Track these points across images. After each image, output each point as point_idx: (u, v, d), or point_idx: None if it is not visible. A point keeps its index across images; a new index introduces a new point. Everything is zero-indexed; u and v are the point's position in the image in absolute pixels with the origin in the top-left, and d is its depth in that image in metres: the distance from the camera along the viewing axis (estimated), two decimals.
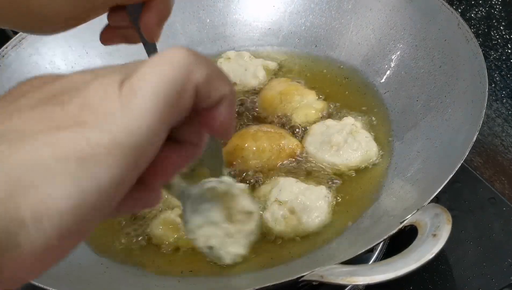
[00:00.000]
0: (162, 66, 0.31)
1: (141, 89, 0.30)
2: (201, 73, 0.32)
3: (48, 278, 0.59)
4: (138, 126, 0.29)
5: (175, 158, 0.36)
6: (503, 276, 0.73)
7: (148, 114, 0.29)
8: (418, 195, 0.64)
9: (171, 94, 0.30)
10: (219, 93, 0.34)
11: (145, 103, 0.29)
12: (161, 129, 0.30)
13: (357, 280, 0.49)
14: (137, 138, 0.29)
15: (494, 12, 0.91)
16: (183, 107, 0.32)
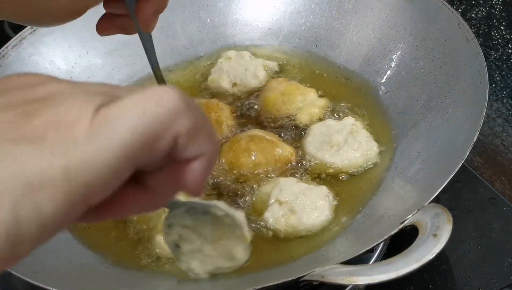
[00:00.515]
0: (147, 104, 0.28)
1: (115, 122, 0.27)
2: (186, 124, 0.30)
3: (48, 278, 0.59)
4: (98, 161, 0.26)
5: (135, 202, 0.33)
6: (503, 276, 0.73)
7: (113, 151, 0.27)
8: (418, 195, 0.64)
9: (145, 137, 0.28)
10: (199, 150, 0.31)
11: (114, 138, 0.27)
12: (123, 170, 0.28)
13: (357, 280, 0.49)
14: (92, 174, 0.26)
15: (495, 12, 0.91)
16: (156, 154, 0.29)
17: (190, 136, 0.30)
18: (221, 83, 0.90)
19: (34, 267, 0.61)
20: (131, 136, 0.27)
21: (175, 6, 0.99)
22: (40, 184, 0.25)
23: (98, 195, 0.28)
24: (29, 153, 0.25)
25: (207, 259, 0.54)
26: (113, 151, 0.27)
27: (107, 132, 0.27)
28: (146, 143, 0.28)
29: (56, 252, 0.67)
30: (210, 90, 0.91)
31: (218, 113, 0.82)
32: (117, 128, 0.27)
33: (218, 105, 0.84)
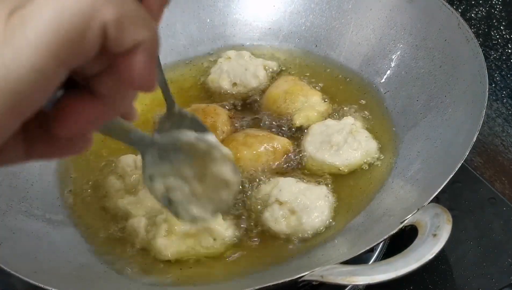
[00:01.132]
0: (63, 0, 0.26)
1: (32, 21, 0.25)
2: (112, 11, 0.27)
3: (48, 277, 0.59)
4: (19, 64, 0.25)
5: (87, 111, 0.30)
6: (503, 276, 0.73)
7: (36, 50, 0.25)
8: (418, 195, 0.64)
9: (68, 31, 0.26)
10: (133, 38, 0.28)
11: (33, 36, 0.25)
12: (53, 72, 0.26)
13: (357, 280, 0.49)
14: (17, 78, 0.25)
15: (495, 12, 0.91)
16: (87, 50, 0.27)
17: (120, 24, 0.28)
18: (221, 83, 0.90)
19: (34, 267, 0.61)
20: (52, 32, 0.25)
21: (175, 6, 0.99)
22: None
23: (31, 103, 0.26)
24: None
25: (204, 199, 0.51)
26: (36, 51, 0.25)
27: (25, 32, 0.25)
28: (71, 38, 0.26)
29: (56, 252, 0.67)
30: (210, 89, 0.91)
31: (214, 118, 0.82)
32: (34, 26, 0.25)
33: (216, 110, 0.83)
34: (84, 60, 0.28)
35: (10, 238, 0.65)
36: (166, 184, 0.49)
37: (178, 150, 0.47)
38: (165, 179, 0.48)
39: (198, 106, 0.85)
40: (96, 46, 0.28)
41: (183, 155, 0.48)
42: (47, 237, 0.69)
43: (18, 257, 0.63)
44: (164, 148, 0.47)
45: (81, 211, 0.74)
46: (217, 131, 0.80)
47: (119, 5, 0.28)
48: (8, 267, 0.58)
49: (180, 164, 0.48)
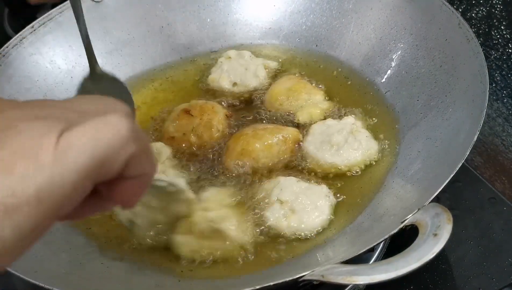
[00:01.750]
0: (101, 131, 0.33)
1: (75, 149, 0.31)
2: (135, 148, 0.35)
3: (48, 278, 0.59)
4: (63, 183, 0.31)
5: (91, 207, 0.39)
6: (503, 275, 0.73)
7: (75, 173, 0.31)
8: (418, 195, 0.64)
9: (102, 160, 0.33)
10: (142, 170, 0.37)
11: (75, 162, 0.31)
12: (84, 187, 0.33)
13: (357, 279, 0.49)
14: (59, 193, 0.31)
15: (495, 11, 0.91)
16: (110, 173, 0.34)
17: (136, 159, 0.36)
18: (221, 83, 0.90)
19: (34, 267, 0.61)
20: (90, 160, 0.32)
21: (176, 6, 0.99)
22: (17, 207, 0.29)
23: (65, 209, 0.32)
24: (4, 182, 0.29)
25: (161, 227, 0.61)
26: (76, 173, 0.31)
27: (70, 158, 0.31)
28: (103, 165, 0.33)
29: (56, 252, 0.67)
30: (211, 89, 0.91)
31: (211, 116, 0.82)
32: (77, 154, 0.31)
33: (213, 108, 0.83)
34: (106, 179, 0.35)
35: None
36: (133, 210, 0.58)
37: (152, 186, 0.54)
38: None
39: (197, 102, 0.86)
40: (118, 172, 0.35)
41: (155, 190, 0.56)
42: (47, 236, 0.69)
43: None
44: None
45: None
46: (212, 129, 0.80)
47: (141, 142, 0.36)
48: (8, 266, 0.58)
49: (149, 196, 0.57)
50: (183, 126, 0.80)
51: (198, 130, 0.80)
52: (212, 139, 0.80)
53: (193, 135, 0.80)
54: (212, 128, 0.80)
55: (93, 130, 0.33)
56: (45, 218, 0.31)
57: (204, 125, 0.80)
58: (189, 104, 0.85)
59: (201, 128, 0.80)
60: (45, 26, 0.89)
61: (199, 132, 0.80)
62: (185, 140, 0.80)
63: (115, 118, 0.34)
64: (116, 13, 0.95)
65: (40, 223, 0.31)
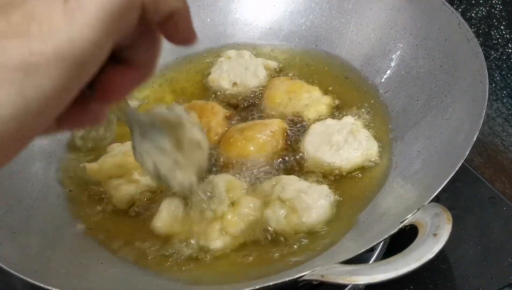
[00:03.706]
0: None
1: (85, 5, 0.31)
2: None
3: (48, 278, 0.59)
4: (81, 39, 0.30)
5: (123, 79, 0.37)
6: (503, 275, 0.73)
7: (91, 27, 0.31)
8: (418, 195, 0.64)
9: (116, 9, 0.32)
10: (169, 8, 0.36)
11: (89, 16, 0.31)
12: (104, 43, 0.32)
13: (357, 279, 0.49)
14: (79, 50, 0.30)
15: (495, 11, 0.91)
16: (128, 23, 0.34)
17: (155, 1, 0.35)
18: (221, 83, 0.90)
19: (34, 267, 0.61)
20: (102, 12, 0.31)
21: None
22: (37, 67, 0.29)
23: (87, 70, 0.32)
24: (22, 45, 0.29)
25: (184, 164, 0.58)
26: (92, 28, 0.31)
27: (82, 14, 0.31)
28: (118, 15, 0.32)
29: (56, 252, 0.67)
30: (210, 89, 0.91)
31: (210, 118, 0.82)
32: (89, 8, 0.31)
33: (213, 109, 0.83)
34: (127, 32, 0.34)
35: (10, 238, 0.65)
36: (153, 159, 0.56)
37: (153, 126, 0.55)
38: (150, 155, 0.55)
39: (196, 102, 0.86)
40: (137, 19, 0.34)
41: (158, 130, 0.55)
42: (47, 236, 0.69)
43: (18, 256, 0.63)
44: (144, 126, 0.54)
45: (81, 209, 0.74)
46: (210, 133, 0.80)
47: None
48: (8, 266, 0.58)
49: (158, 139, 0.56)
50: None
51: None
52: (211, 141, 0.79)
53: None
54: (210, 131, 0.80)
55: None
56: (68, 79, 0.31)
57: (204, 127, 0.79)
58: (189, 104, 0.85)
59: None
60: None
61: None
62: None
63: None
64: None
65: (63, 85, 0.31)
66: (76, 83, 0.32)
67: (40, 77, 0.29)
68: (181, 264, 0.66)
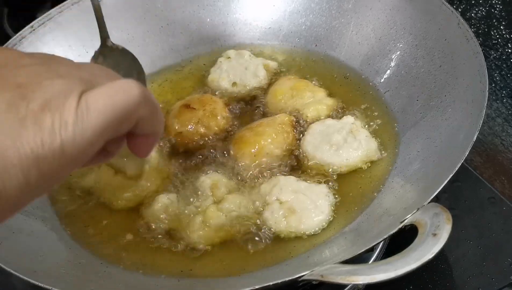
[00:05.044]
0: (118, 95, 0.37)
1: (95, 110, 0.36)
2: (145, 111, 0.40)
3: (48, 277, 0.59)
4: (82, 139, 0.35)
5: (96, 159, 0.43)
6: (503, 275, 0.73)
7: (93, 131, 0.36)
8: (418, 195, 0.64)
9: (116, 120, 0.37)
10: (152, 129, 0.43)
11: (94, 122, 0.36)
12: (98, 144, 0.37)
13: (357, 279, 0.49)
14: (79, 148, 0.35)
15: (494, 11, 0.91)
16: (121, 131, 0.40)
17: (148, 119, 0.41)
18: (220, 82, 0.90)
19: (34, 267, 0.61)
20: (105, 121, 0.36)
21: (175, 6, 0.99)
22: (45, 157, 0.34)
23: (81, 162, 0.37)
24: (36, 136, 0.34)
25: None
26: (94, 131, 0.36)
27: (89, 118, 0.36)
28: (116, 125, 0.38)
29: (56, 252, 0.67)
30: (210, 89, 0.91)
31: (213, 106, 0.83)
32: (95, 115, 0.36)
33: (212, 98, 0.85)
34: (117, 136, 0.39)
35: (10, 238, 0.65)
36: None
37: None
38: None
39: (193, 96, 0.86)
40: (128, 130, 0.40)
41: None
42: (47, 236, 0.69)
43: (18, 256, 0.63)
44: None
45: (80, 210, 0.74)
46: (218, 117, 0.82)
47: (152, 105, 0.41)
48: (8, 266, 0.58)
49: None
50: (188, 120, 0.81)
51: (205, 120, 0.81)
52: (219, 126, 0.82)
53: (201, 126, 0.81)
54: (218, 116, 0.82)
55: (110, 94, 0.37)
56: (65, 168, 0.36)
57: (210, 115, 0.82)
58: (186, 99, 0.85)
59: (207, 118, 0.81)
60: (44, 26, 0.89)
61: (206, 122, 0.81)
62: (193, 132, 0.80)
63: (129, 83, 0.39)
64: (116, 13, 0.94)
65: (60, 172, 0.36)
66: (71, 169, 0.37)
67: (45, 165, 0.34)
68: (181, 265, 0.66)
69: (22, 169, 0.33)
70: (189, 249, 0.68)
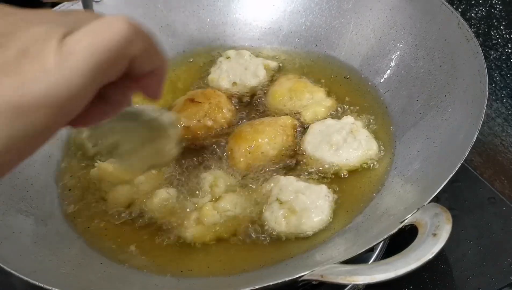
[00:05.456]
0: (103, 33, 0.34)
1: (78, 52, 0.32)
2: (139, 47, 0.36)
3: (48, 277, 0.59)
4: (69, 85, 0.32)
5: (97, 111, 0.40)
6: (502, 275, 0.73)
7: (79, 75, 0.32)
8: (418, 195, 0.64)
9: (104, 61, 0.33)
10: (152, 66, 0.39)
11: (78, 65, 0.32)
12: (89, 89, 0.34)
13: (357, 279, 0.49)
14: (66, 95, 0.32)
15: (494, 11, 0.91)
16: (114, 73, 0.36)
17: (144, 56, 0.37)
18: (220, 82, 0.90)
19: (34, 267, 0.61)
20: (92, 63, 0.33)
21: (175, 6, 0.99)
22: (27, 109, 0.31)
23: (72, 112, 0.34)
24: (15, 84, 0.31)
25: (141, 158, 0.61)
26: (80, 75, 0.32)
27: (72, 62, 0.32)
28: (107, 66, 0.34)
29: (55, 252, 0.67)
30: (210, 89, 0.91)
31: (218, 99, 0.83)
32: (79, 57, 0.32)
33: (215, 92, 0.86)
34: (111, 80, 0.36)
35: (10, 237, 0.65)
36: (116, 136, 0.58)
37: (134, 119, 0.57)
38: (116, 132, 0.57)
39: (196, 91, 0.87)
40: (122, 71, 0.36)
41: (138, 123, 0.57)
42: (46, 236, 0.69)
43: (18, 256, 0.63)
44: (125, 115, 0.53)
45: (80, 210, 0.74)
46: (224, 110, 0.83)
47: (144, 40, 0.37)
48: (8, 266, 0.58)
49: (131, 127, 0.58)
50: (195, 114, 0.81)
51: (211, 113, 0.82)
52: (226, 119, 0.82)
53: (209, 119, 0.81)
54: (223, 108, 0.83)
55: (94, 33, 0.33)
56: (54, 120, 0.33)
57: (216, 108, 0.82)
58: (189, 94, 0.86)
59: (214, 111, 0.82)
60: None
61: (213, 115, 0.81)
62: (201, 126, 0.81)
63: (115, 19, 0.35)
64: (116, 13, 0.94)
65: (49, 125, 0.33)
66: (61, 122, 0.34)
67: (28, 118, 0.31)
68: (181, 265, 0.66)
69: (5, 122, 0.31)
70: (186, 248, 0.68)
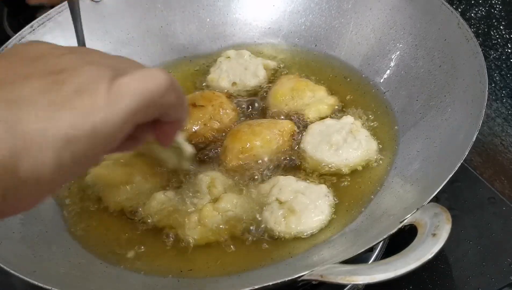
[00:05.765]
0: (149, 81, 0.40)
1: (126, 94, 0.38)
2: (172, 98, 0.43)
3: (48, 277, 0.59)
4: (114, 122, 0.37)
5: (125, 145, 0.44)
6: (502, 275, 0.73)
7: (124, 114, 0.38)
8: (418, 195, 0.64)
9: (146, 105, 0.39)
10: (177, 116, 0.46)
11: (124, 106, 0.38)
12: (129, 127, 0.39)
13: (357, 279, 0.49)
14: (111, 130, 0.37)
15: (494, 11, 0.91)
16: (149, 116, 0.42)
17: (173, 107, 0.44)
18: (220, 83, 0.90)
19: (34, 267, 0.61)
20: (136, 105, 0.38)
21: (175, 6, 0.99)
22: (77, 138, 0.36)
23: (112, 143, 0.39)
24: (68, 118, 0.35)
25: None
26: (124, 115, 0.38)
27: (120, 102, 0.37)
28: (146, 109, 0.40)
29: (56, 252, 0.67)
30: (210, 89, 0.91)
31: (219, 100, 0.83)
32: (126, 99, 0.38)
33: (214, 93, 0.85)
34: (145, 121, 0.41)
35: (10, 238, 0.65)
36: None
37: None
38: None
39: (194, 94, 0.86)
40: (154, 116, 0.43)
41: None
42: (47, 236, 0.69)
43: (18, 256, 0.63)
44: None
45: (79, 209, 0.74)
46: (227, 110, 0.83)
47: (177, 93, 0.44)
48: (8, 266, 0.58)
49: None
50: (200, 118, 0.81)
51: (217, 115, 0.82)
52: (231, 119, 0.83)
53: (215, 122, 0.81)
54: (227, 109, 0.83)
55: (141, 79, 0.39)
56: (96, 150, 0.37)
57: (219, 109, 0.82)
58: (189, 98, 0.85)
59: (218, 112, 0.82)
60: (44, 26, 0.89)
61: (218, 117, 0.82)
62: (208, 129, 0.81)
63: (158, 71, 0.41)
64: (115, 13, 0.95)
65: (92, 154, 0.37)
66: (102, 152, 0.38)
67: (76, 147, 0.36)
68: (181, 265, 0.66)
69: (55, 151, 0.35)
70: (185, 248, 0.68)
